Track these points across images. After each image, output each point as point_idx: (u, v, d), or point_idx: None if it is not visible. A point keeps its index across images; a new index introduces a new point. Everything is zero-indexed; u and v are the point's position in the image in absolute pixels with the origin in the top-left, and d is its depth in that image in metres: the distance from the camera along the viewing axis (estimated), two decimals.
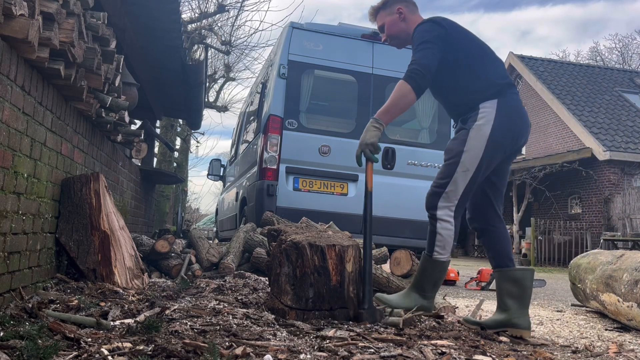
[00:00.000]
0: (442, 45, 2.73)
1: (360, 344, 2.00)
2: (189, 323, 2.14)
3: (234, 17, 13.79)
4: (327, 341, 2.03)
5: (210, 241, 5.75)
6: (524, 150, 19.11)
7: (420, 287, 2.75)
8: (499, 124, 2.66)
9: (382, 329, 2.34)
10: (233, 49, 14.64)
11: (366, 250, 2.61)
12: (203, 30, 12.91)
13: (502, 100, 2.69)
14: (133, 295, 2.79)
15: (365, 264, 2.58)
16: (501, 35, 72.54)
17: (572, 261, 4.43)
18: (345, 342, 2.02)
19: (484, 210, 2.90)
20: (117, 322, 2.10)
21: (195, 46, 13.31)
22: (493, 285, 5.98)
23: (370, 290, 2.54)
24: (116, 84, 3.79)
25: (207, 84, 15.65)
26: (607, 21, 57.44)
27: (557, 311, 4.24)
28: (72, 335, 1.79)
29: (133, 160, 6.62)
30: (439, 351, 2.02)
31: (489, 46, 2.88)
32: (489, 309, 4.13)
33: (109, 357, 1.62)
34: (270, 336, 2.04)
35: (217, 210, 10.78)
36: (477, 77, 2.75)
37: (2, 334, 1.72)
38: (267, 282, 3.43)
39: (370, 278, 2.57)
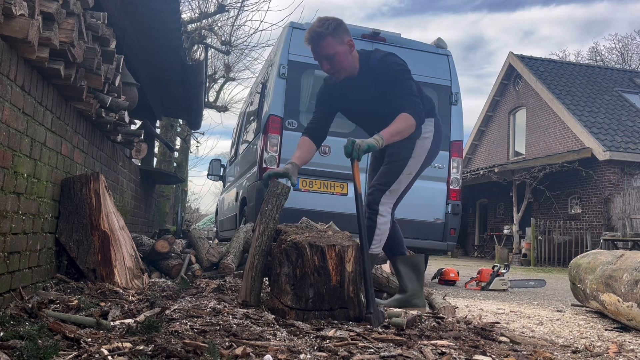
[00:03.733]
0: None
1: (360, 344, 2.00)
2: (189, 323, 2.14)
3: (234, 17, 13.81)
4: (327, 341, 2.03)
5: (210, 241, 5.75)
6: (524, 150, 19.11)
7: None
8: (436, 140, 3.15)
9: (382, 329, 2.34)
10: (233, 49, 14.64)
11: (364, 254, 2.59)
12: (203, 30, 12.91)
13: (436, 121, 3.18)
14: (133, 295, 2.79)
15: (364, 268, 2.56)
16: (504, 35, 72.56)
17: (572, 261, 4.43)
18: (345, 342, 2.02)
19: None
20: (117, 322, 2.10)
21: (195, 46, 13.31)
22: (493, 285, 5.98)
23: (372, 293, 2.53)
24: (116, 84, 3.79)
25: (207, 84, 15.65)
26: (611, 21, 57.43)
27: (557, 311, 4.24)
28: (72, 335, 1.79)
29: (133, 160, 6.62)
30: (439, 351, 2.02)
31: None
32: (488, 308, 4.14)
33: (109, 357, 1.62)
34: (270, 336, 2.04)
35: (217, 210, 10.78)
36: (422, 99, 3.12)
37: (2, 334, 1.72)
38: (267, 282, 3.43)
39: (371, 281, 2.57)
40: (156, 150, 13.12)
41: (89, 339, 1.80)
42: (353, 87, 3.12)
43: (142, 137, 5.52)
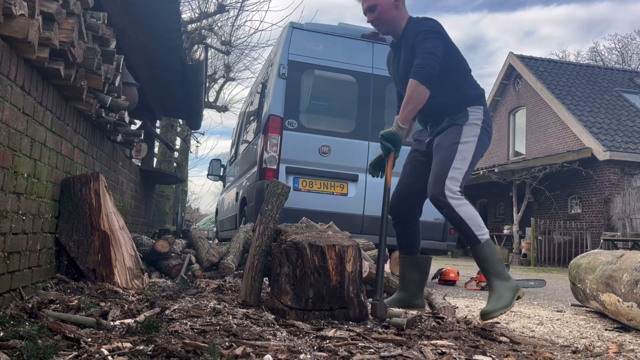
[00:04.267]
0: (445, 42, 2.84)
1: (360, 344, 2.00)
2: (189, 323, 2.14)
3: (234, 17, 13.81)
4: (327, 341, 2.03)
5: (210, 241, 5.75)
6: (524, 150, 19.12)
7: (498, 274, 2.70)
8: (486, 129, 2.89)
9: (382, 329, 2.34)
10: (233, 49, 14.65)
11: (381, 246, 2.66)
12: (203, 30, 12.91)
13: (485, 109, 2.93)
14: (133, 295, 2.79)
15: (379, 258, 2.64)
16: (505, 35, 72.48)
17: (572, 261, 4.43)
18: (345, 342, 2.02)
19: (414, 204, 3.13)
20: (117, 322, 2.10)
21: (195, 46, 13.31)
22: None
23: (382, 282, 2.60)
24: (116, 84, 3.79)
25: (207, 84, 15.65)
26: (611, 21, 57.37)
27: (557, 311, 4.24)
28: (72, 335, 1.79)
29: (133, 160, 6.62)
30: (439, 351, 2.02)
31: None
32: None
33: (109, 357, 1.62)
34: (270, 336, 2.04)
35: (217, 210, 10.78)
36: (464, 81, 2.92)
37: (2, 334, 1.72)
38: (267, 282, 3.43)
39: (383, 270, 2.63)
40: (156, 150, 13.12)
41: (89, 339, 1.80)
42: (397, 53, 3.02)
43: (142, 137, 5.52)
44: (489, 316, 2.48)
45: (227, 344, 1.85)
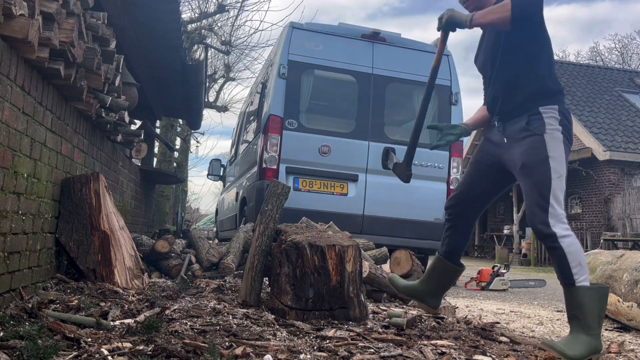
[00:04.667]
0: (542, 22, 2.58)
1: (360, 344, 2.00)
2: (189, 323, 2.14)
3: (234, 17, 13.79)
4: (327, 341, 2.03)
5: (210, 241, 5.75)
6: None
7: (588, 327, 2.25)
8: (566, 132, 2.52)
9: (382, 329, 2.34)
10: (233, 49, 14.64)
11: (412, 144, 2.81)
12: (203, 30, 12.91)
13: (561, 109, 2.56)
14: (133, 295, 2.79)
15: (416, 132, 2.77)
16: None
17: None
18: (345, 342, 2.02)
19: (476, 209, 2.87)
20: (117, 322, 2.10)
21: (195, 46, 13.30)
22: (493, 285, 5.98)
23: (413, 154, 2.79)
24: (116, 84, 3.79)
25: (207, 84, 15.65)
26: (612, 21, 57.21)
27: (557, 311, 4.24)
28: (72, 335, 1.79)
29: (133, 160, 6.62)
30: (439, 351, 2.02)
31: None
32: (488, 308, 4.13)
33: (109, 357, 1.62)
34: (270, 336, 2.04)
35: (217, 210, 10.78)
36: (550, 70, 2.62)
37: (2, 334, 1.72)
38: (267, 282, 3.44)
39: (416, 143, 2.80)
40: (156, 150, 13.11)
41: (89, 339, 1.80)
42: (486, 36, 2.80)
43: (142, 137, 5.52)
44: (550, 349, 2.18)
45: (227, 344, 1.85)
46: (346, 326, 2.31)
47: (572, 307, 2.30)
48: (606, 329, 3.35)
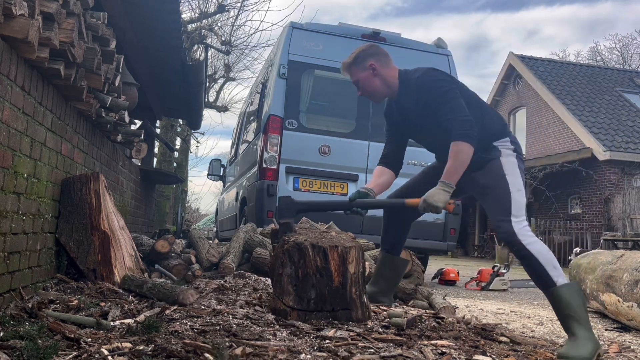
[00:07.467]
0: (458, 88, 2.80)
1: (360, 344, 2.00)
2: (189, 323, 2.14)
3: (234, 17, 13.80)
4: (327, 341, 2.03)
5: (210, 241, 5.75)
6: (524, 150, 19.10)
7: (582, 320, 2.36)
8: (519, 157, 2.79)
9: (382, 329, 2.34)
10: (233, 49, 14.64)
11: None
12: (203, 30, 12.91)
13: (512, 139, 2.83)
14: (133, 295, 2.79)
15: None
16: (507, 35, 72.32)
17: (572, 261, 4.43)
18: (346, 342, 2.02)
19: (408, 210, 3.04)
20: (117, 322, 2.10)
21: (195, 46, 13.30)
22: (493, 285, 5.98)
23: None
24: (116, 84, 3.79)
25: (207, 84, 15.65)
26: (614, 21, 57.14)
27: None
28: (72, 335, 1.79)
29: (133, 160, 6.62)
30: (439, 351, 2.02)
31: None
32: (488, 308, 4.14)
33: (109, 357, 1.62)
34: (271, 336, 2.04)
35: (217, 210, 10.79)
36: (483, 118, 2.80)
37: (2, 334, 1.72)
38: (268, 282, 3.43)
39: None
40: (156, 150, 13.11)
41: (89, 339, 1.80)
42: (403, 108, 3.00)
43: (142, 137, 5.52)
44: (564, 358, 2.20)
45: (227, 344, 1.85)
46: (346, 326, 2.31)
47: (562, 307, 2.39)
48: (606, 329, 3.35)
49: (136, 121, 7.28)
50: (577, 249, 11.82)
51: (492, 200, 2.69)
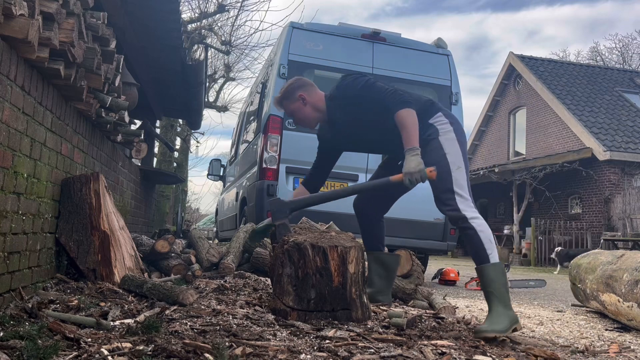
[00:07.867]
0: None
1: (360, 344, 2.00)
2: (189, 323, 2.14)
3: (234, 17, 13.79)
4: (327, 341, 2.03)
5: (210, 241, 5.75)
6: (524, 150, 19.11)
7: (503, 299, 2.58)
8: (457, 129, 2.96)
9: (382, 329, 2.34)
10: (233, 49, 14.63)
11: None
12: (203, 30, 12.91)
13: (444, 111, 3.02)
14: (133, 295, 2.79)
15: None
16: (508, 35, 72.32)
17: (572, 261, 4.43)
18: (346, 342, 2.02)
19: (384, 203, 3.27)
20: (117, 322, 2.10)
21: (195, 46, 13.30)
22: None
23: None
24: (116, 84, 3.79)
25: (207, 84, 15.65)
26: (615, 21, 57.08)
27: (557, 311, 4.24)
28: (72, 335, 1.79)
29: (133, 160, 6.62)
30: (439, 351, 2.02)
31: None
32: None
33: (109, 357, 1.62)
34: (270, 336, 2.04)
35: (217, 210, 10.78)
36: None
37: (2, 334, 1.72)
38: (268, 282, 3.43)
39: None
40: (156, 150, 13.12)
41: (89, 339, 1.80)
42: (335, 123, 3.13)
43: (142, 137, 5.52)
44: (482, 335, 2.39)
45: (227, 344, 1.85)
46: (346, 326, 2.31)
47: (487, 284, 2.62)
48: (606, 329, 3.35)
49: (136, 121, 7.29)
50: (559, 248, 11.90)
51: (436, 178, 2.82)
